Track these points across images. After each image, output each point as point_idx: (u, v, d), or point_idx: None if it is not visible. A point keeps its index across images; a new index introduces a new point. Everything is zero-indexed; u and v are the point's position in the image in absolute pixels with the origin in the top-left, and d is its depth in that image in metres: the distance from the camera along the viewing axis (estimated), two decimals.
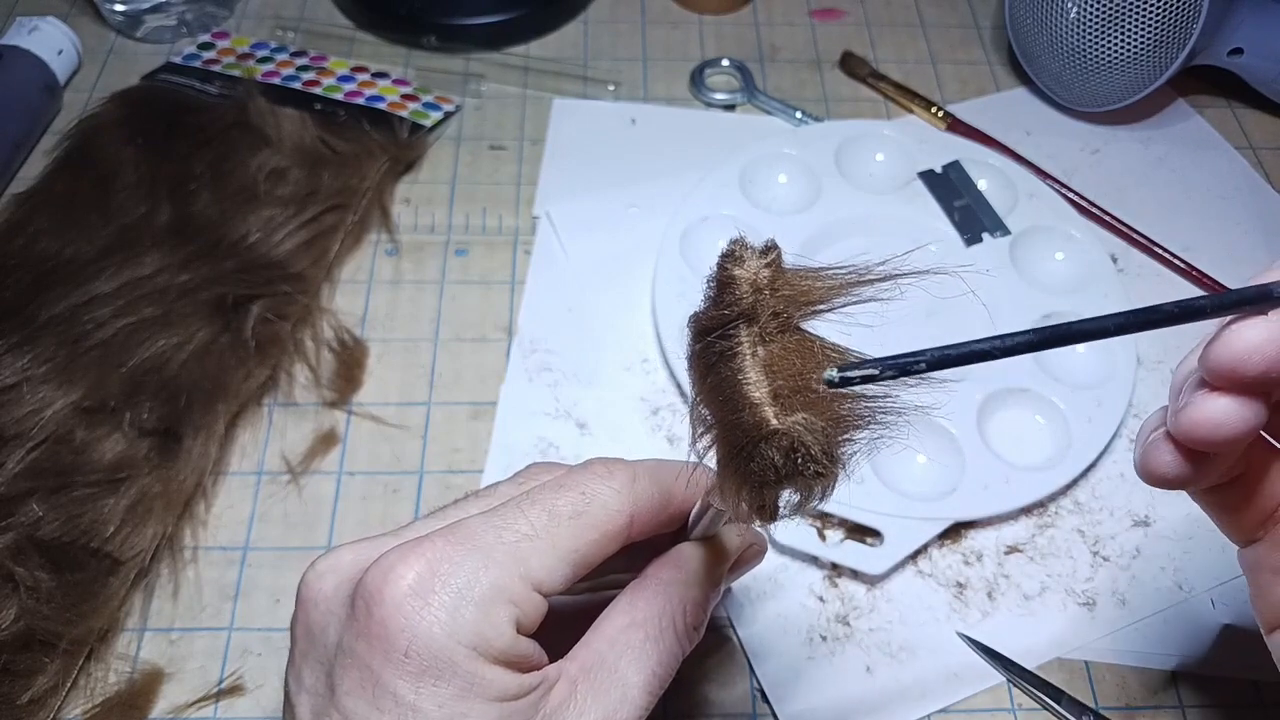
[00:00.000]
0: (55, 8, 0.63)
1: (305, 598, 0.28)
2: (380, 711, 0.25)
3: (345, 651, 0.26)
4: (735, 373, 0.22)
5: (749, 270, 0.22)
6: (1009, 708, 0.39)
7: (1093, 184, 0.57)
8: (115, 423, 0.43)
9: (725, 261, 0.23)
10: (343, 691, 0.26)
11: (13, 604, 0.37)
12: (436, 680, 0.25)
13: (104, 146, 0.54)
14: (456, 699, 0.26)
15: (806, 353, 0.22)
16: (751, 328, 0.22)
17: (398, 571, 0.26)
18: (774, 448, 0.21)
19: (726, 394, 0.22)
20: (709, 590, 0.31)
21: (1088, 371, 0.48)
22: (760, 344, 0.22)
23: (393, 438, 0.46)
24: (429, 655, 0.25)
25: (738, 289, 0.22)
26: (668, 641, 0.30)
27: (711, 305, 0.23)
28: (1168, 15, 0.53)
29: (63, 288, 0.47)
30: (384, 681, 0.25)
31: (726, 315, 0.22)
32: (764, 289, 0.22)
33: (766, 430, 0.21)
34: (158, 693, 0.39)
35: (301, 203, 0.52)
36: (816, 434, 0.21)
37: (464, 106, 0.60)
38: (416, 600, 0.26)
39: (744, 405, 0.22)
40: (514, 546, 0.27)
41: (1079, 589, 0.42)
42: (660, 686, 0.30)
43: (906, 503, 0.43)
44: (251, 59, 0.61)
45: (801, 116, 0.59)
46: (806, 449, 0.21)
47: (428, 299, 0.51)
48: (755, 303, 0.22)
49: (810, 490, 0.22)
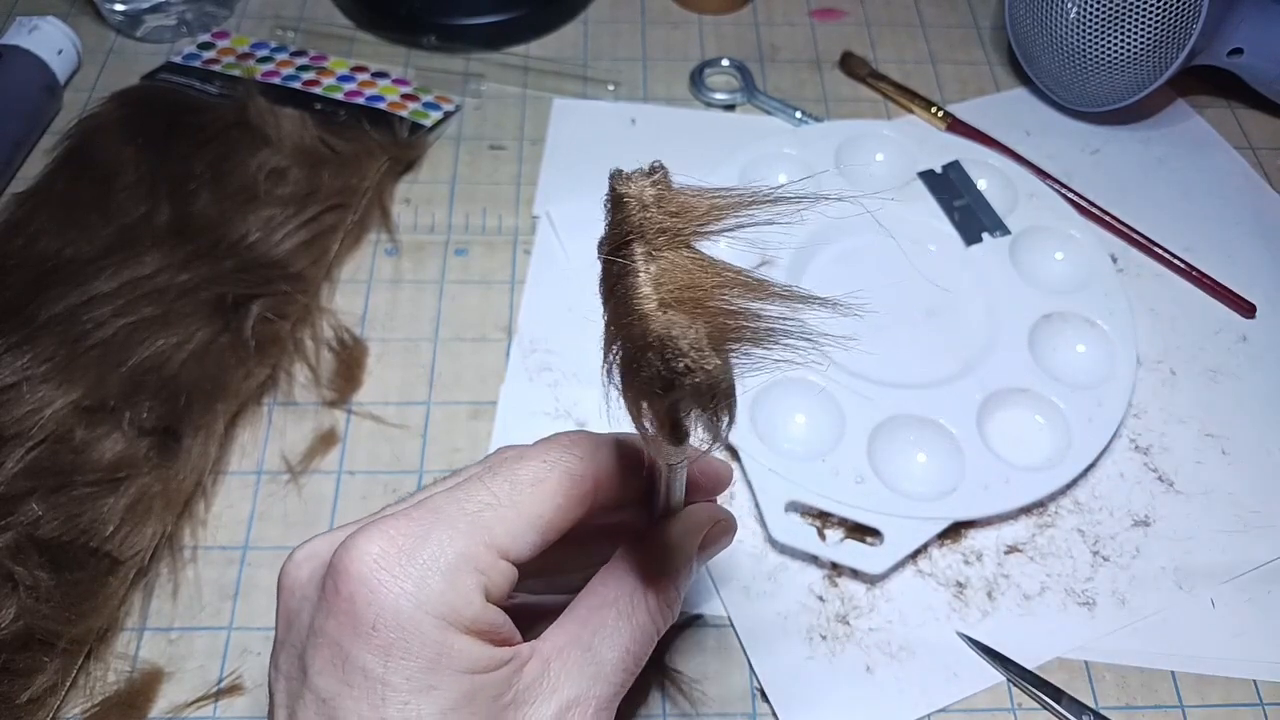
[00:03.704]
0: (55, 8, 0.63)
1: (283, 586, 0.29)
2: (350, 687, 0.26)
3: (316, 632, 0.26)
4: (628, 288, 0.23)
5: (635, 188, 0.23)
6: (1009, 707, 0.39)
7: (1093, 184, 0.57)
8: (115, 422, 0.43)
9: (613, 182, 0.23)
10: (314, 671, 0.26)
11: (12, 603, 0.37)
12: (405, 653, 0.26)
13: (104, 146, 0.54)
14: (426, 671, 0.26)
15: (697, 268, 0.23)
16: (643, 244, 0.23)
17: (363, 547, 0.26)
18: (652, 350, 0.22)
19: (621, 310, 0.23)
20: (679, 568, 0.31)
21: (1088, 371, 0.48)
22: (650, 260, 0.23)
23: (392, 437, 0.46)
24: (396, 627, 0.25)
25: (627, 208, 0.23)
26: (640, 619, 0.30)
27: (608, 227, 0.24)
28: (1168, 15, 0.53)
29: (62, 287, 0.47)
30: (353, 657, 0.26)
31: (618, 234, 0.23)
32: (650, 206, 0.23)
33: (649, 335, 0.22)
34: (157, 692, 0.38)
35: (301, 202, 0.52)
36: (685, 332, 0.22)
37: (464, 106, 0.60)
38: (382, 573, 0.26)
39: (632, 315, 0.23)
40: (477, 515, 0.27)
41: (1079, 589, 0.42)
42: (635, 664, 0.30)
43: (906, 502, 0.43)
44: (251, 59, 0.61)
45: (801, 116, 0.59)
46: (675, 345, 0.22)
47: (428, 299, 0.51)
48: (643, 220, 0.23)
49: (700, 398, 0.23)
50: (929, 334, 0.50)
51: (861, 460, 0.44)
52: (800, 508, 0.43)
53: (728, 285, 0.23)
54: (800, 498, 0.43)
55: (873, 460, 0.44)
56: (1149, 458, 0.46)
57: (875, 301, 0.50)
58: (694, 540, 0.32)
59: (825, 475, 0.43)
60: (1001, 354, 0.48)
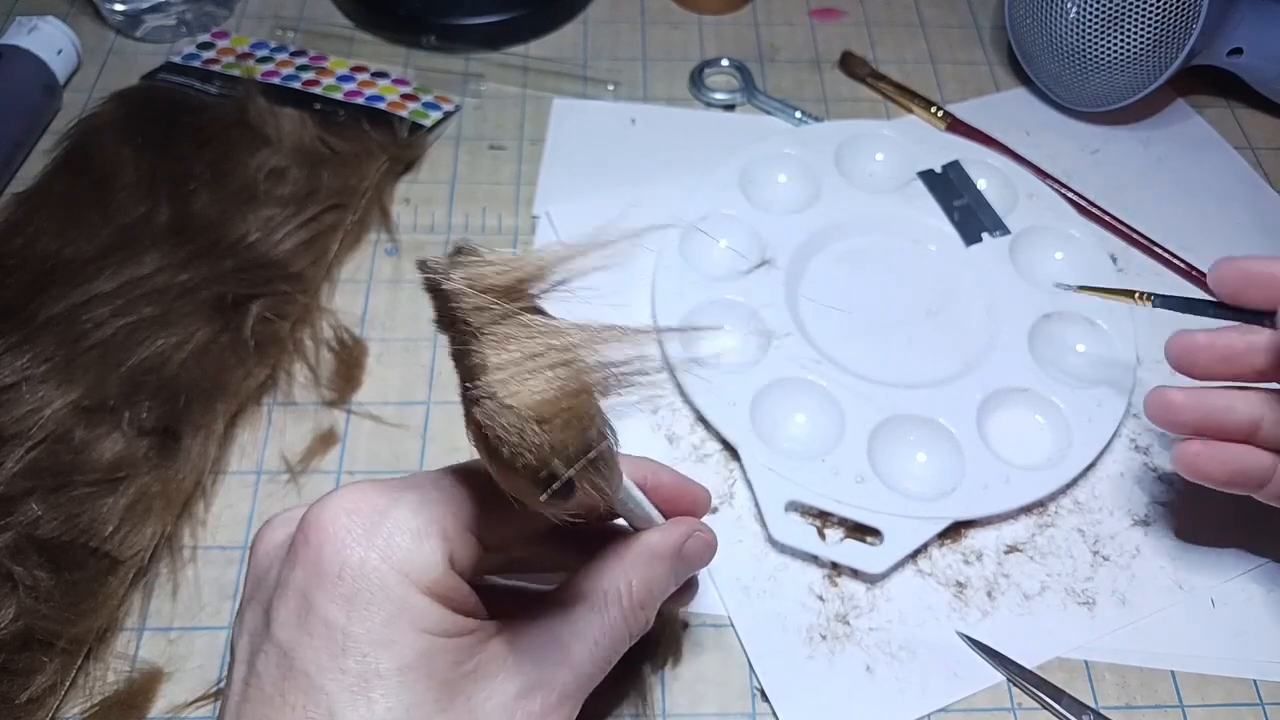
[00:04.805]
0: (55, 7, 0.63)
1: (255, 550, 0.30)
2: (310, 636, 0.26)
3: (282, 583, 0.27)
4: (461, 372, 0.24)
5: (443, 277, 0.24)
6: (1009, 707, 0.39)
7: (1092, 184, 0.56)
8: (114, 422, 0.43)
9: (422, 273, 0.24)
10: (277, 624, 0.27)
11: (12, 603, 0.37)
12: (368, 604, 0.26)
13: (104, 146, 0.54)
14: (386, 624, 0.26)
15: (529, 336, 0.24)
16: (466, 328, 0.24)
17: (335, 504, 0.27)
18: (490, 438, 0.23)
19: (462, 391, 0.24)
20: (653, 576, 0.32)
21: (1088, 371, 0.48)
22: (476, 339, 0.24)
23: (392, 437, 0.46)
24: (360, 577, 0.26)
25: (443, 297, 0.24)
26: (611, 616, 0.30)
27: (435, 315, 0.25)
28: (1167, 15, 0.53)
29: (62, 287, 0.47)
30: (316, 605, 0.26)
31: (445, 321, 0.24)
32: (464, 290, 0.23)
33: (479, 422, 0.23)
34: (157, 692, 0.38)
35: (301, 202, 0.52)
36: (508, 418, 0.23)
37: (464, 106, 0.60)
38: (353, 526, 0.27)
39: (469, 401, 0.23)
40: (452, 490, 0.28)
41: (1079, 588, 0.42)
42: (604, 660, 0.30)
43: (906, 502, 0.43)
44: (251, 59, 0.61)
45: (801, 116, 0.59)
46: (495, 433, 0.23)
47: (427, 298, 0.51)
48: (461, 305, 0.23)
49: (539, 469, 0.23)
50: (929, 334, 0.50)
51: (861, 460, 0.44)
52: (800, 507, 0.43)
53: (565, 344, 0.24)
54: (800, 497, 0.43)
55: (873, 460, 0.44)
56: (1149, 457, 0.46)
57: (875, 301, 0.50)
58: (668, 550, 0.32)
59: (825, 475, 0.43)
60: (1001, 354, 0.48)
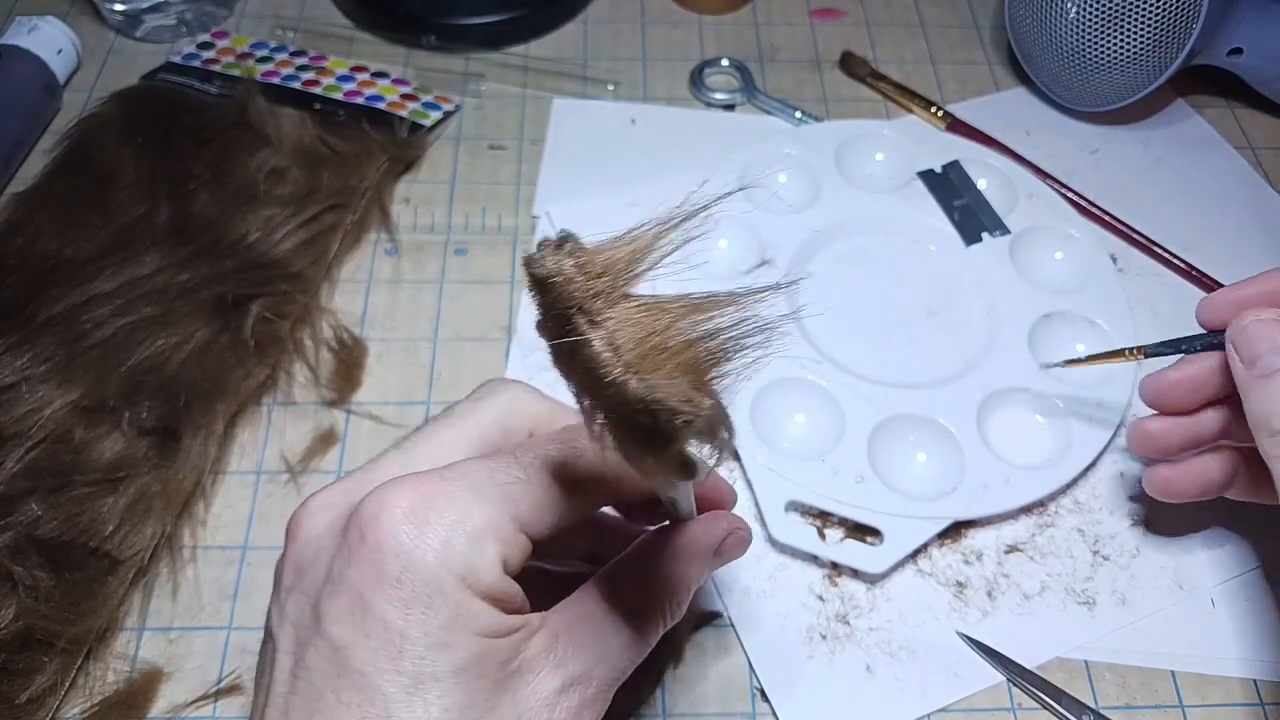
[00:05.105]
0: (55, 7, 0.63)
1: (296, 534, 0.29)
2: (367, 637, 0.26)
3: (334, 580, 0.27)
4: (588, 362, 0.23)
5: (553, 266, 0.23)
6: (1009, 707, 0.39)
7: (1092, 184, 0.56)
8: (114, 422, 0.43)
9: (529, 268, 0.23)
10: (329, 620, 0.26)
11: (11, 603, 0.37)
12: (426, 608, 0.26)
13: (103, 146, 0.54)
14: (443, 628, 0.26)
15: (645, 314, 0.23)
16: (583, 315, 0.23)
17: (393, 500, 0.27)
18: (644, 415, 0.22)
19: (591, 383, 0.23)
20: (689, 570, 0.32)
21: (1088, 371, 0.48)
22: (596, 326, 0.23)
23: (392, 437, 0.45)
24: (420, 582, 0.26)
25: (554, 288, 0.23)
26: (649, 611, 0.31)
27: (540, 310, 0.24)
28: (1167, 15, 0.53)
29: (62, 287, 0.47)
30: (373, 607, 0.26)
31: (555, 314, 0.23)
32: (574, 277, 0.23)
33: (633, 401, 0.22)
34: (156, 692, 0.38)
35: (301, 202, 0.51)
36: (670, 389, 0.22)
37: (464, 106, 0.60)
38: (411, 528, 0.26)
39: (606, 388, 0.22)
40: (506, 488, 0.28)
41: (1079, 588, 0.42)
42: (639, 654, 0.31)
43: (906, 502, 0.43)
44: (251, 59, 0.61)
45: (801, 116, 0.59)
46: (665, 405, 0.22)
47: (427, 299, 0.51)
48: (573, 291, 0.23)
49: (702, 435, 0.23)
50: (929, 334, 0.50)
51: (861, 460, 0.44)
52: (800, 507, 0.43)
53: (679, 318, 0.23)
54: (800, 497, 0.43)
55: (873, 460, 0.44)
56: None
57: (875, 301, 0.50)
58: (707, 545, 0.33)
59: (825, 475, 0.43)
60: (1001, 354, 0.48)
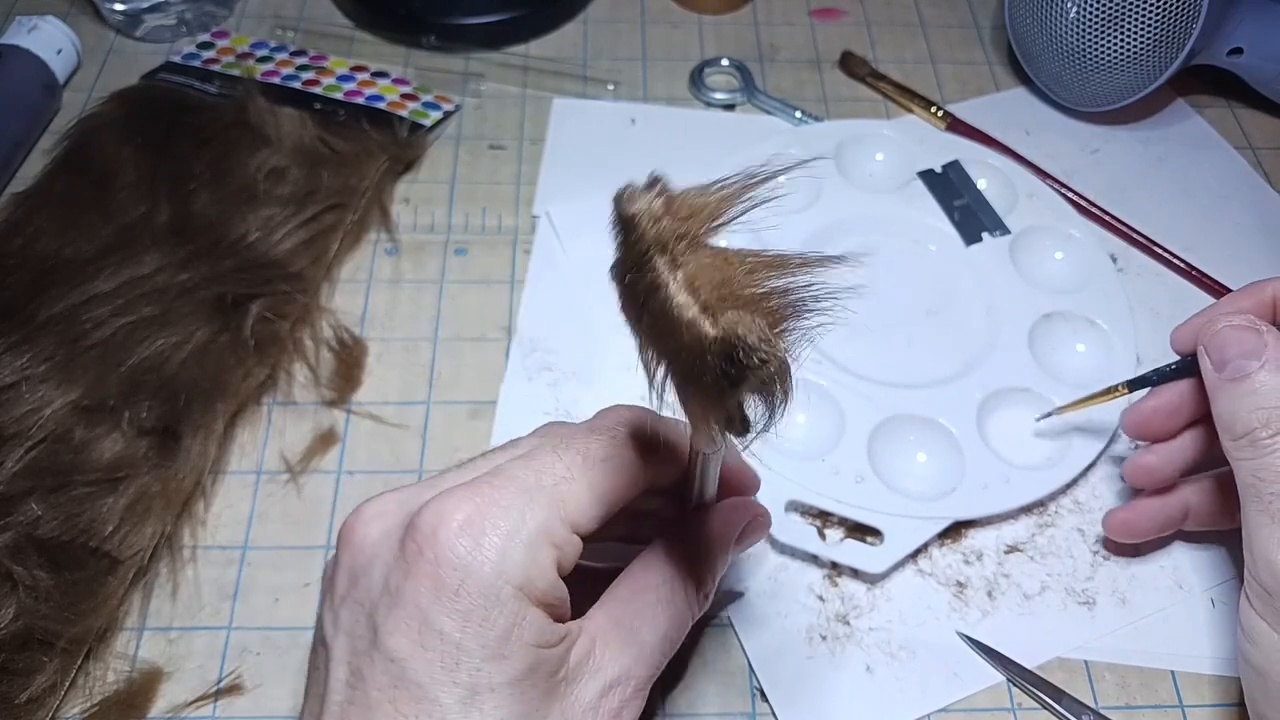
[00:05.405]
0: (55, 7, 0.63)
1: (350, 542, 0.29)
2: (425, 649, 0.26)
3: (392, 592, 0.27)
4: (663, 302, 0.23)
5: (643, 204, 0.23)
6: (1009, 707, 0.39)
7: (1092, 184, 0.56)
8: (114, 422, 0.43)
9: (619, 204, 0.23)
10: (386, 631, 0.26)
11: (11, 603, 0.37)
12: (483, 620, 0.26)
13: (103, 146, 0.54)
14: (500, 640, 0.26)
15: (722, 263, 0.23)
16: (664, 255, 0.23)
17: (449, 512, 0.27)
18: (718, 353, 0.22)
19: (662, 325, 0.23)
20: (715, 559, 0.32)
21: (1088, 371, 0.48)
22: (676, 268, 0.23)
23: (392, 437, 0.46)
24: (478, 593, 0.26)
25: (639, 225, 0.23)
26: (678, 605, 0.31)
27: (622, 248, 0.24)
28: (1167, 15, 0.53)
29: (62, 287, 0.47)
30: (431, 619, 0.26)
31: (638, 251, 0.23)
32: (662, 217, 0.23)
33: (707, 340, 0.22)
34: (156, 692, 0.38)
35: (301, 202, 0.51)
36: (750, 326, 0.22)
37: (464, 106, 0.60)
38: (468, 540, 0.26)
39: (680, 328, 0.23)
40: (553, 489, 0.28)
41: (1079, 588, 0.42)
42: (671, 648, 0.31)
43: (906, 502, 0.43)
44: (251, 58, 0.61)
45: (801, 116, 0.59)
46: (744, 341, 0.22)
47: (427, 298, 0.51)
48: (659, 231, 0.23)
49: (767, 385, 0.23)
50: (929, 334, 0.50)
51: (861, 460, 0.44)
52: (800, 507, 0.43)
53: (754, 271, 0.23)
54: (800, 497, 0.43)
55: (873, 460, 0.44)
56: None
57: (876, 301, 0.50)
58: (732, 532, 0.33)
59: (825, 475, 0.43)
60: (1001, 354, 0.48)
